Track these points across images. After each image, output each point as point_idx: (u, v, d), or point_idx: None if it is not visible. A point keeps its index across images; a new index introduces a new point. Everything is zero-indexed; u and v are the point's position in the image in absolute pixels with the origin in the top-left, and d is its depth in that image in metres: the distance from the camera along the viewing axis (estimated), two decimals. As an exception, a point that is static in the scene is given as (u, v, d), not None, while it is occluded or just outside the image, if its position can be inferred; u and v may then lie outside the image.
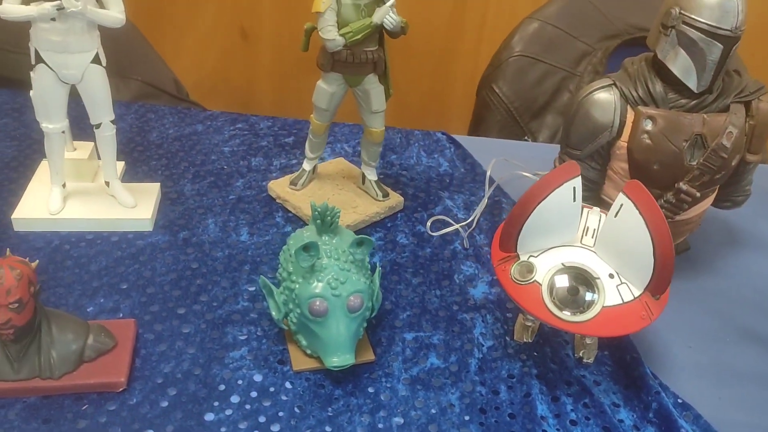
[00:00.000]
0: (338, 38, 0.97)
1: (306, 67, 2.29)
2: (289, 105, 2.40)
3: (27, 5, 0.88)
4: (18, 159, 1.18)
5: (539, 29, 1.81)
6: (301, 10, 2.15)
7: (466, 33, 2.27)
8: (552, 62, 1.78)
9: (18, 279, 0.74)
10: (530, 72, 1.78)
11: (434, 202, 1.17)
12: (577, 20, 1.81)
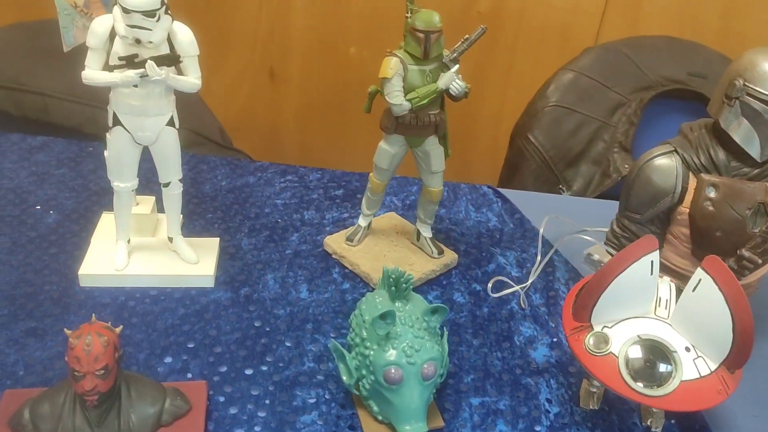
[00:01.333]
0: (405, 103, 0.99)
1: (332, 109, 2.34)
2: (315, 145, 2.43)
3: (109, 71, 0.90)
4: (78, 211, 1.20)
5: (574, 80, 1.84)
6: (328, 51, 2.20)
7: (492, 76, 2.31)
8: (587, 112, 1.81)
9: (105, 346, 0.75)
10: (565, 122, 1.80)
11: (487, 259, 1.19)
12: (611, 71, 1.84)
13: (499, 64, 2.29)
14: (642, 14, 2.13)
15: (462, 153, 2.45)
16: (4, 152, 1.33)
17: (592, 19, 2.21)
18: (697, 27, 2.14)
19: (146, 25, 0.85)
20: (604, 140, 1.81)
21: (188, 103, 1.66)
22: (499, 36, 2.22)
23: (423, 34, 0.97)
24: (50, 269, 1.06)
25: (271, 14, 2.15)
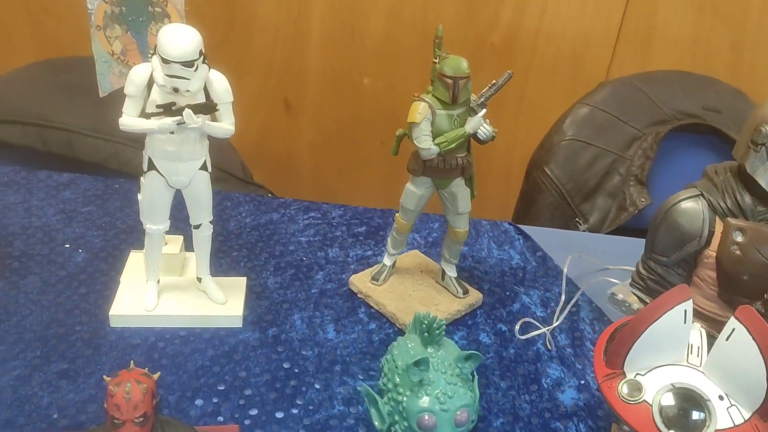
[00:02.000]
0: (433, 147, 1.01)
1: (344, 139, 2.36)
2: (328, 173, 2.45)
3: (146, 117, 0.92)
4: (106, 249, 1.21)
5: (590, 114, 1.86)
6: (342, 82, 2.23)
7: (505, 106, 2.33)
8: (602, 146, 1.82)
9: (144, 393, 0.75)
10: (581, 155, 1.82)
11: (511, 299, 1.19)
12: (626, 106, 1.86)
13: (511, 94, 2.32)
14: (653, 46, 2.16)
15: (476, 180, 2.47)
16: (31, 189, 1.35)
17: (603, 51, 2.24)
18: (708, 58, 2.17)
19: (185, 75, 0.87)
20: (619, 173, 1.82)
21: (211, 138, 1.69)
22: (512, 67, 2.24)
23: (451, 80, 0.99)
24: (80, 309, 1.07)
25: (287, 45, 2.18)
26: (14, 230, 1.23)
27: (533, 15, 2.13)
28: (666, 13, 2.13)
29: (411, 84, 2.26)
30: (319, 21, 2.12)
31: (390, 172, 2.44)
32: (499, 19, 2.13)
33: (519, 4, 2.10)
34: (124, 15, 0.95)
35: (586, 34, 2.23)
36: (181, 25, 0.88)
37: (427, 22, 2.15)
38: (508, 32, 2.17)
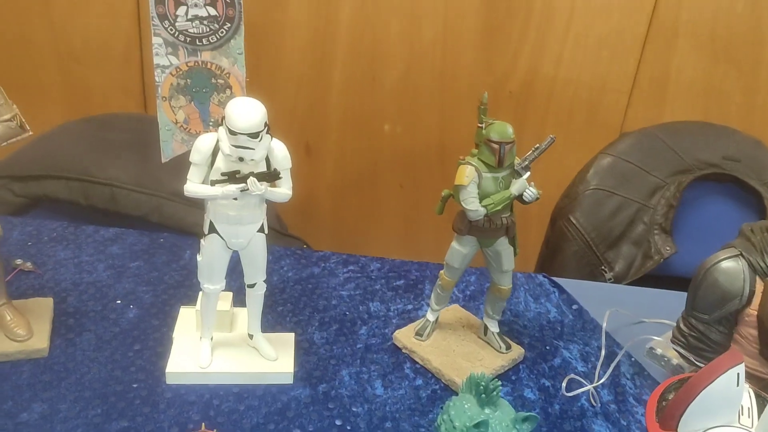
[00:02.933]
0: (481, 209, 1.05)
1: (364, 183, 2.40)
2: (348, 217, 2.49)
3: (210, 184, 0.96)
4: (156, 305, 1.24)
5: (613, 164, 1.90)
6: (363, 128, 2.28)
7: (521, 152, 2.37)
8: (626, 195, 1.86)
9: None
10: (606, 204, 1.86)
11: (552, 353, 1.22)
12: (648, 156, 1.91)
13: (527, 139, 2.34)
14: (668, 92, 2.22)
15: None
16: (80, 245, 1.39)
17: (619, 97, 2.29)
18: (721, 104, 2.23)
19: (250, 145, 0.92)
20: (644, 222, 1.86)
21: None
22: (529, 113, 2.31)
23: (498, 144, 1.03)
24: (136, 366, 1.10)
25: (309, 91, 2.24)
26: (66, 286, 1.26)
27: (550, 62, 2.19)
28: (680, 60, 2.19)
29: (429, 129, 2.32)
30: (341, 67, 2.18)
31: (409, 215, 2.49)
32: (516, 67, 2.19)
33: (536, 52, 2.16)
34: (189, 87, 1.00)
35: (602, 80, 2.29)
36: (248, 99, 0.93)
37: (445, 69, 2.21)
38: (526, 79, 2.22)
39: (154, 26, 0.96)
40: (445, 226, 2.19)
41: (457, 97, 2.24)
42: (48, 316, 1.15)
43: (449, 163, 2.40)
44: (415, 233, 2.49)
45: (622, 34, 2.16)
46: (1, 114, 0.99)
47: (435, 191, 2.46)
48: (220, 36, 0.97)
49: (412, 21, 2.14)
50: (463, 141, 2.29)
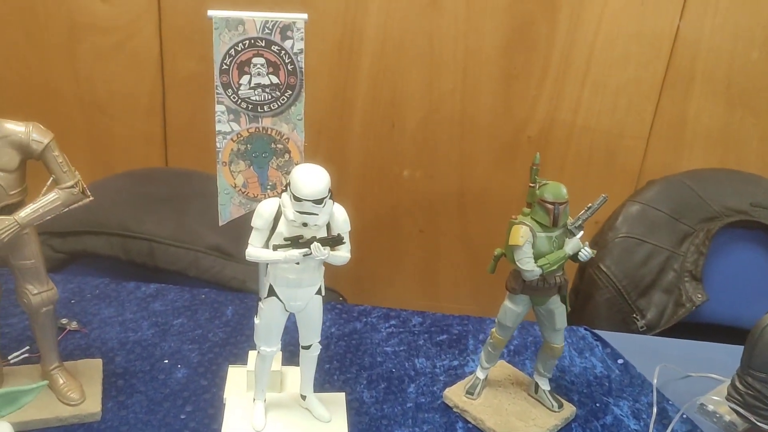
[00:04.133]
0: (536, 269, 1.05)
1: (384, 229, 2.41)
2: (369, 262, 2.49)
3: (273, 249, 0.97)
4: (203, 364, 1.24)
5: (641, 211, 1.92)
6: (382, 173, 2.30)
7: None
8: (656, 243, 1.87)
9: None
10: (636, 252, 1.87)
11: (602, 410, 1.21)
12: (676, 203, 1.92)
13: None
14: (685, 138, 2.24)
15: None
16: (122, 302, 1.39)
17: (637, 143, 2.32)
18: (739, 150, 2.25)
19: (314, 211, 0.93)
20: (674, 270, 1.86)
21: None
22: (548, 159, 2.33)
23: (552, 205, 1.05)
24: (189, 429, 1.09)
25: (330, 138, 2.27)
26: (113, 345, 1.26)
27: (568, 109, 2.22)
28: (697, 107, 2.22)
29: (448, 174, 2.34)
30: (361, 114, 2.21)
31: (428, 260, 2.49)
32: (534, 114, 2.22)
33: (554, 99, 2.19)
34: (248, 152, 1.01)
35: (620, 127, 2.32)
36: (314, 166, 0.94)
37: (464, 116, 2.23)
38: (544, 125, 2.25)
39: (218, 95, 0.98)
40: (463, 272, 2.22)
41: (475, 143, 2.27)
42: (98, 378, 1.15)
43: (468, 209, 2.42)
44: (434, 278, 2.49)
45: (640, 82, 2.20)
46: (65, 181, 1.00)
47: (454, 236, 2.48)
48: (282, 103, 1.00)
49: (431, 69, 2.18)
50: (482, 187, 2.33)
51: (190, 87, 2.14)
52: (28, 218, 0.98)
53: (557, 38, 2.10)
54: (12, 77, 2.15)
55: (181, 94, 2.16)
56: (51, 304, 1.07)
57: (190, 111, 2.17)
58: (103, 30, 2.06)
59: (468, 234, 2.38)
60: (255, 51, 0.96)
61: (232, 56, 0.96)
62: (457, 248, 2.41)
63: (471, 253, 2.44)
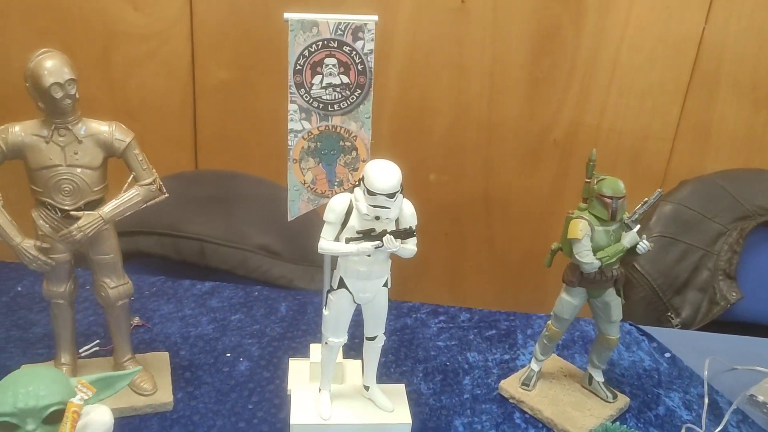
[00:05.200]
0: (596, 262, 1.08)
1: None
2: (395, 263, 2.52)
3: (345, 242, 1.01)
4: (264, 357, 1.28)
5: (675, 211, 1.95)
6: (410, 177, 2.32)
7: (566, 199, 2.42)
8: (690, 242, 1.90)
9: None
10: (670, 251, 1.89)
11: (654, 401, 1.24)
12: (709, 202, 1.95)
13: (571, 187, 2.40)
14: (711, 139, 2.26)
15: (536, 268, 2.53)
16: (180, 299, 1.43)
17: (663, 145, 2.34)
18: (764, 150, 2.28)
19: (387, 205, 0.97)
20: (708, 268, 1.89)
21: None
22: (573, 161, 2.35)
23: (610, 199, 1.08)
24: (258, 418, 1.13)
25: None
26: (176, 340, 1.30)
27: (594, 112, 2.25)
28: (722, 109, 2.24)
29: (475, 178, 2.37)
30: (389, 118, 2.24)
31: (454, 263, 2.52)
32: (560, 117, 2.25)
33: (580, 102, 2.22)
34: (318, 149, 1.05)
35: (646, 130, 2.34)
36: (386, 162, 0.98)
37: (491, 120, 2.26)
38: (570, 128, 2.28)
39: (291, 94, 1.02)
40: (488, 274, 2.23)
41: (501, 147, 2.30)
42: (167, 370, 1.19)
43: (493, 212, 2.45)
44: (460, 280, 2.52)
45: (665, 85, 2.22)
46: (144, 178, 1.04)
47: (479, 239, 2.50)
48: (351, 102, 1.04)
49: (459, 74, 2.20)
50: (507, 190, 2.36)
51: (221, 94, 2.18)
52: (111, 213, 1.02)
53: (583, 42, 2.13)
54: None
55: (211, 101, 2.20)
56: (126, 297, 1.11)
57: (220, 117, 2.21)
58: (137, 38, 2.10)
59: (493, 237, 2.41)
60: (327, 52, 1.00)
61: (306, 57, 1.00)
62: (482, 251, 2.44)
63: (496, 255, 2.47)
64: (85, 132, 0.99)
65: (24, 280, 1.44)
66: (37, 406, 0.77)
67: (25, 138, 0.98)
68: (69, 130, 0.98)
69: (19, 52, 2.03)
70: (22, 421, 0.77)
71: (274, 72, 2.13)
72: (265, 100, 2.15)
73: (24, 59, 1.78)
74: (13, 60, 2.07)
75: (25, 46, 2.04)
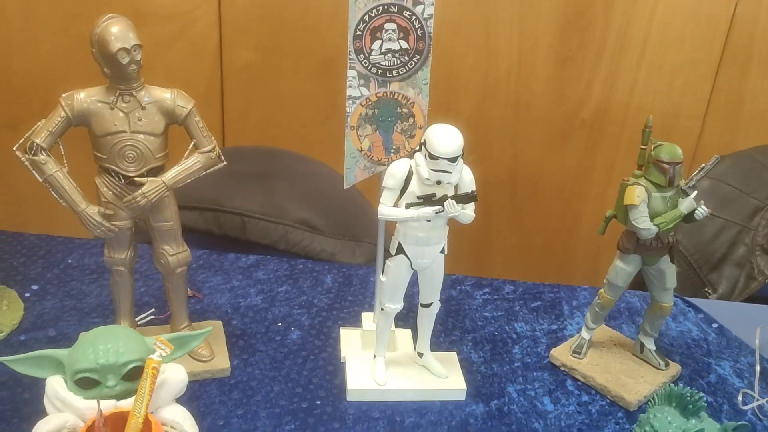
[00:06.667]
0: (653, 227, 1.08)
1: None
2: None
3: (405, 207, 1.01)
4: (314, 327, 1.29)
5: (712, 186, 1.93)
6: None
7: (593, 178, 2.41)
8: (727, 217, 1.89)
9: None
10: (707, 226, 1.88)
11: (705, 370, 1.24)
12: (746, 177, 1.94)
13: (600, 165, 2.39)
14: (742, 117, 2.25)
15: (564, 249, 2.53)
16: (227, 272, 1.44)
17: (693, 123, 2.33)
18: (796, 128, 2.26)
19: (448, 169, 0.97)
20: (745, 244, 1.88)
21: (369, 218, 1.78)
22: (602, 140, 2.34)
23: (668, 165, 1.08)
24: (314, 384, 1.14)
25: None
26: (227, 310, 1.31)
27: (623, 90, 2.23)
28: (753, 86, 2.22)
29: (502, 158, 2.36)
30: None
31: (480, 242, 2.52)
32: (589, 96, 2.23)
33: (609, 81, 2.20)
34: (376, 116, 1.06)
35: (676, 107, 2.32)
36: (448, 126, 0.98)
37: (519, 99, 2.25)
38: (599, 107, 2.26)
39: (350, 60, 1.02)
40: (515, 254, 2.23)
41: (529, 127, 2.29)
42: (222, 338, 1.20)
43: (520, 192, 2.43)
44: (486, 259, 2.52)
45: (696, 62, 2.20)
46: (204, 146, 1.05)
47: (505, 219, 2.49)
48: (409, 68, 1.04)
49: (487, 53, 2.19)
50: (534, 170, 2.35)
51: (248, 75, 2.18)
52: (173, 180, 1.03)
53: (613, 19, 2.11)
54: (78, 67, 2.19)
55: (238, 83, 2.20)
56: (185, 264, 1.12)
57: (247, 99, 2.21)
58: (164, 18, 2.10)
59: (519, 217, 2.41)
60: (388, 17, 1.00)
61: (366, 22, 1.00)
62: (508, 231, 2.44)
63: (522, 235, 2.47)
64: (148, 98, 1.00)
65: (74, 252, 1.45)
66: (118, 363, 0.78)
67: (90, 105, 0.98)
68: (133, 97, 0.99)
69: (47, 35, 2.05)
70: (102, 377, 0.78)
71: (300, 54, 2.13)
72: (291, 81, 2.15)
73: (52, 41, 1.77)
74: (42, 42, 2.08)
75: (52, 28, 2.06)
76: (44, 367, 0.81)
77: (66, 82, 2.12)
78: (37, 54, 2.08)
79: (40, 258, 1.43)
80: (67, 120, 0.98)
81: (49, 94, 2.11)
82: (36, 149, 0.97)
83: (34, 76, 2.10)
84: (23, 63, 2.08)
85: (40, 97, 2.09)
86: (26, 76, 2.11)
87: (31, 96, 2.09)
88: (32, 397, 1.06)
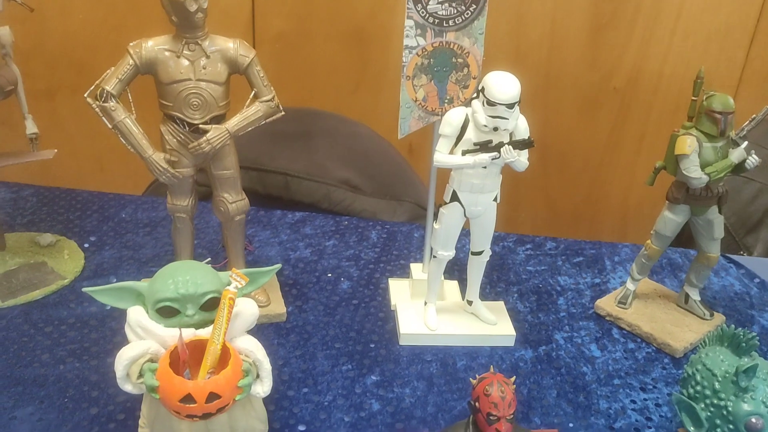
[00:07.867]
0: (704, 176, 1.10)
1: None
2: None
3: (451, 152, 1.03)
4: (363, 278, 1.33)
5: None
6: None
7: (625, 146, 2.41)
8: (763, 181, 1.89)
9: (514, 393, 0.84)
10: (744, 190, 1.89)
11: (749, 321, 1.26)
12: (784, 141, 1.93)
13: (630, 134, 2.38)
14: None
15: (592, 216, 2.54)
16: (275, 227, 1.48)
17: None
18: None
19: (506, 115, 0.99)
20: (782, 207, 1.88)
21: (409, 178, 1.80)
22: (634, 108, 2.33)
23: (721, 115, 1.09)
24: (367, 329, 1.18)
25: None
26: (278, 261, 1.35)
27: (656, 58, 2.22)
28: (788, 54, 2.20)
29: (532, 125, 2.34)
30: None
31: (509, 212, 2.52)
32: (622, 64, 2.22)
33: (642, 48, 2.19)
34: (431, 66, 1.08)
35: (710, 75, 2.28)
36: (506, 73, 1.00)
37: (550, 67, 2.24)
38: (631, 75, 2.25)
39: (408, 9, 1.04)
40: (544, 222, 2.23)
41: (561, 94, 2.28)
42: (276, 286, 1.24)
43: (549, 160, 2.43)
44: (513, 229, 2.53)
45: (731, 29, 2.18)
46: (264, 95, 1.08)
47: (534, 186, 2.49)
48: (466, 17, 1.05)
49: (519, 20, 2.19)
50: (564, 138, 2.35)
51: (279, 44, 2.20)
52: (236, 127, 1.06)
53: (650, -17, 2.10)
54: (111, 37, 2.21)
55: (271, 51, 2.22)
56: (243, 212, 1.15)
57: (279, 68, 2.23)
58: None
59: (549, 185, 2.41)
60: (446, -34, 1.02)
61: (424, -28, 1.02)
62: (537, 199, 2.45)
63: (550, 204, 2.48)
64: (212, 47, 1.03)
65: (126, 207, 1.50)
66: (197, 293, 0.82)
67: (158, 53, 1.01)
68: (198, 45, 1.02)
69: (81, 4, 2.07)
70: (182, 306, 0.82)
71: (332, 22, 2.14)
72: (322, 50, 2.17)
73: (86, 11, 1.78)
74: (76, 12, 2.10)
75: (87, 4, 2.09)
76: (125, 298, 0.85)
77: (100, 51, 2.15)
78: (71, 24, 2.11)
79: (94, 212, 1.48)
80: (135, 67, 1.01)
81: (83, 63, 2.14)
82: (106, 96, 1.01)
83: (68, 46, 2.14)
84: (57, 33, 2.11)
85: (74, 65, 2.13)
86: (60, 46, 2.14)
87: (66, 65, 2.12)
88: (99, 337, 1.11)
